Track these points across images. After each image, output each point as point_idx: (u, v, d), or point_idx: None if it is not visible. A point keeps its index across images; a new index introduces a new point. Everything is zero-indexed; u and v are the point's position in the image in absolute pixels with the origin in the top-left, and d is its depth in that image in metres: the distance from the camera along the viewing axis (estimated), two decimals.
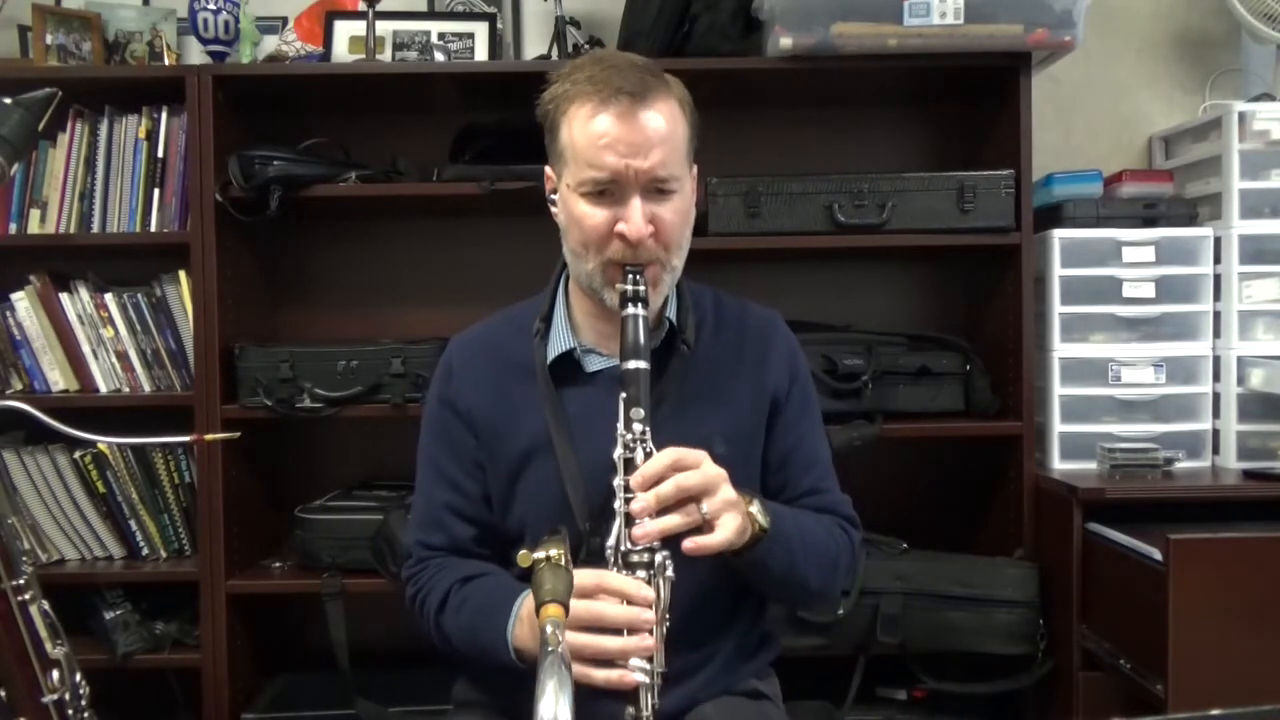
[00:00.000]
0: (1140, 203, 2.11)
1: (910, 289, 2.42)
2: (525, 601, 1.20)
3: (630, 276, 1.22)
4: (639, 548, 1.13)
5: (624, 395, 1.17)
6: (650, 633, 1.11)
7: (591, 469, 1.24)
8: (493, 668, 1.25)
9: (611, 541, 1.15)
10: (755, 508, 1.22)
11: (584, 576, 1.10)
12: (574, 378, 1.33)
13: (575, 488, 1.26)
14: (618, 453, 1.16)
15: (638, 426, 1.16)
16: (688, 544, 1.13)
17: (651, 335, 1.27)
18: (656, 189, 1.22)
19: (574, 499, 1.26)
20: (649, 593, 1.11)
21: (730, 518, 1.16)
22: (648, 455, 1.15)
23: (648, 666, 1.11)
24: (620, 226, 1.21)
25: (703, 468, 1.16)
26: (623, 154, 1.19)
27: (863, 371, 2.07)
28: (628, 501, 1.13)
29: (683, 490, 1.13)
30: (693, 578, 1.22)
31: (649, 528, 1.11)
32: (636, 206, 1.21)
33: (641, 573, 1.13)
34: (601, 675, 1.10)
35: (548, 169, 1.31)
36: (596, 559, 1.17)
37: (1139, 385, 2.07)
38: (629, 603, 1.11)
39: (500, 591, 1.26)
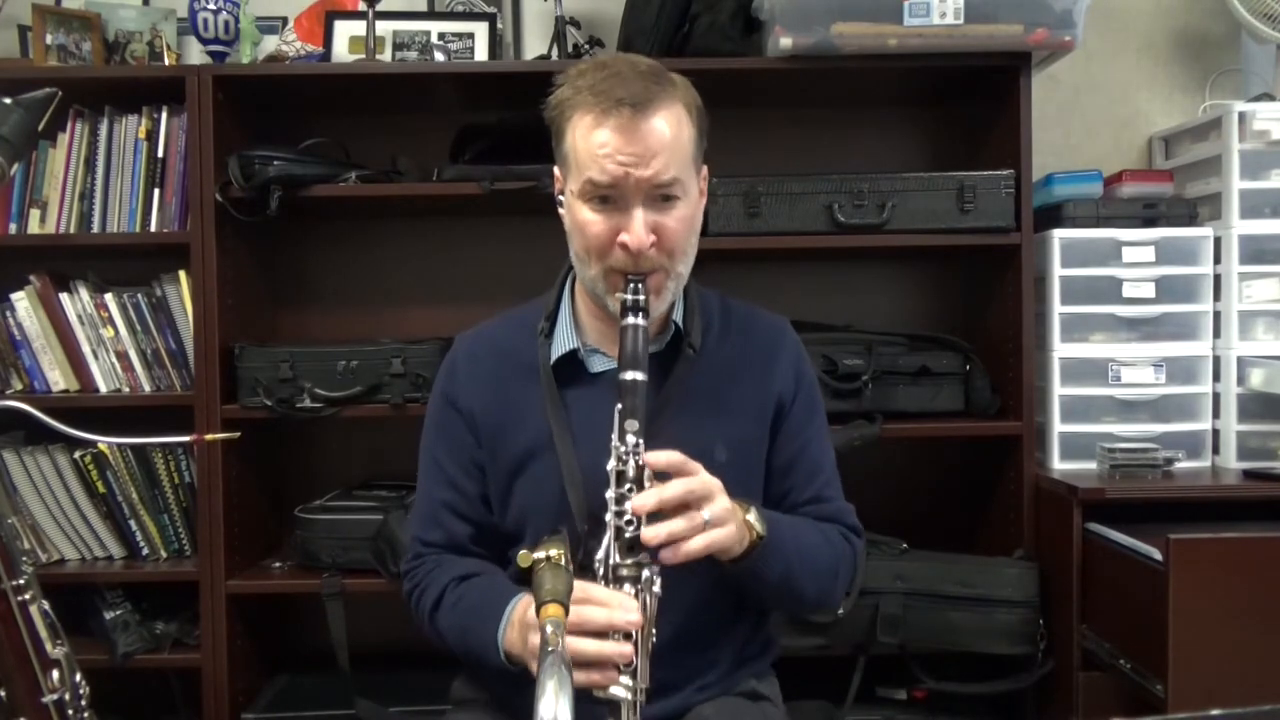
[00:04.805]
0: (1140, 203, 2.11)
1: (910, 289, 2.42)
2: (517, 607, 1.21)
3: (631, 286, 1.20)
4: (628, 561, 1.12)
5: (620, 406, 1.16)
6: (629, 637, 1.09)
7: (592, 470, 1.22)
8: (485, 668, 1.26)
9: (600, 555, 1.13)
10: (752, 515, 1.21)
11: None
12: (577, 378, 1.33)
13: (575, 488, 1.26)
14: (610, 464, 1.15)
15: (631, 439, 1.14)
16: (681, 548, 1.10)
17: (656, 338, 1.28)
18: (660, 196, 1.21)
19: (573, 500, 1.25)
20: (632, 604, 1.09)
21: (728, 526, 1.15)
22: (639, 469, 1.14)
23: (629, 683, 1.09)
24: (622, 236, 1.20)
25: (701, 474, 1.15)
26: (623, 163, 1.18)
27: (863, 371, 2.07)
28: (619, 515, 1.12)
29: (688, 492, 1.12)
30: (690, 586, 1.22)
31: (658, 532, 1.10)
32: (638, 217, 1.20)
33: (628, 587, 1.11)
34: (581, 676, 1.06)
35: (556, 170, 1.31)
36: (593, 561, 1.16)
37: (1139, 385, 2.07)
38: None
39: (493, 594, 1.26)
